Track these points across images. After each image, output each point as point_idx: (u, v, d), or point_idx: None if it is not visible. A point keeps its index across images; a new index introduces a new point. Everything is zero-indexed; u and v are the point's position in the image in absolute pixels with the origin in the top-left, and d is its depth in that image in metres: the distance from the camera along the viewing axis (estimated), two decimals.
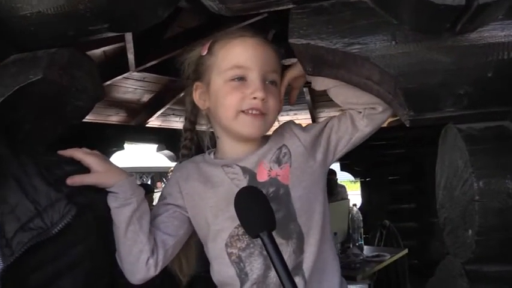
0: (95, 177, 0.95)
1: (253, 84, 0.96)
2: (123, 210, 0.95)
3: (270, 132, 1.10)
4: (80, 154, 0.97)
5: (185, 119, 1.16)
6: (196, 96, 1.07)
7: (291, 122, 1.10)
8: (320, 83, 1.02)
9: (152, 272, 0.99)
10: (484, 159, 0.81)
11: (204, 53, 1.03)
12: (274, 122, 1.04)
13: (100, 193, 0.94)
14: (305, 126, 1.09)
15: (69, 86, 1.15)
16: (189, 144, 1.14)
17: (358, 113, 1.01)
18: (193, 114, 1.14)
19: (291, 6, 0.88)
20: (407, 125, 0.87)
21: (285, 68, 1.08)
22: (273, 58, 1.01)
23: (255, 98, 0.96)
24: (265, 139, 1.07)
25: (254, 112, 0.97)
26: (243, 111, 0.97)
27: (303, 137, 1.04)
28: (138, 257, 0.97)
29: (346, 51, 0.79)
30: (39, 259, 0.80)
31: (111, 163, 1.00)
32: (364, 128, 1.01)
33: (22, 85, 1.01)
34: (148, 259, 0.97)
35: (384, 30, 0.78)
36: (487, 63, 0.76)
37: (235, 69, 0.98)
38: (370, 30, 0.79)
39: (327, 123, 1.06)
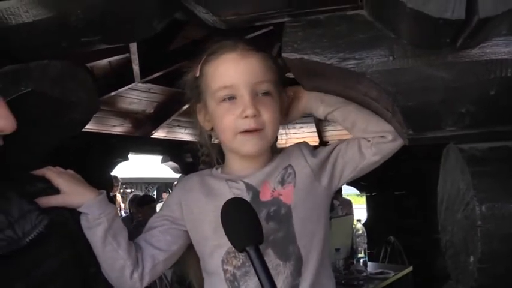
0: (61, 199, 0.93)
1: (242, 102, 0.94)
2: (95, 231, 0.93)
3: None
4: (50, 174, 0.96)
5: (199, 134, 1.14)
6: (201, 118, 1.06)
7: (303, 142, 1.07)
8: (322, 109, 0.98)
9: (138, 285, 0.98)
10: (487, 181, 0.76)
11: (197, 74, 1.02)
12: (275, 135, 1.01)
13: (72, 212, 0.93)
14: (315, 149, 1.06)
15: (62, 98, 1.13)
16: (207, 160, 1.13)
17: (367, 141, 0.97)
18: (204, 133, 1.12)
19: (286, 19, 0.85)
20: (407, 144, 0.83)
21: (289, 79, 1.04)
22: (261, 67, 0.97)
23: (246, 116, 0.93)
24: (272, 157, 1.05)
25: (250, 129, 0.95)
26: (240, 133, 0.96)
27: (310, 159, 1.01)
28: (122, 272, 0.96)
29: (341, 66, 0.75)
30: (9, 275, 0.78)
31: (80, 183, 0.98)
32: (371, 156, 0.97)
33: (13, 97, 0.99)
34: (132, 273, 0.96)
35: (381, 44, 0.75)
36: (490, 80, 0.72)
37: (222, 90, 0.96)
38: (366, 45, 0.75)
39: (335, 146, 1.03)
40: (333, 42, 0.77)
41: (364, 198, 6.59)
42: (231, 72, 0.96)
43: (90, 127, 4.54)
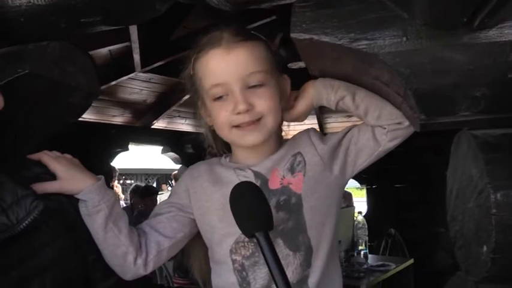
0: (58, 185, 0.91)
1: (233, 98, 0.92)
2: (95, 218, 0.91)
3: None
4: (46, 158, 0.93)
5: (203, 125, 1.11)
6: (203, 113, 1.04)
7: (311, 129, 1.04)
8: (334, 94, 0.93)
9: (142, 271, 0.96)
10: (501, 168, 0.73)
11: (191, 72, 1.00)
12: (276, 123, 0.97)
13: (70, 198, 0.90)
14: (325, 135, 1.03)
15: (61, 81, 1.10)
16: (213, 151, 1.11)
17: (382, 129, 0.93)
18: (207, 125, 1.09)
19: (294, 0, 0.82)
20: (418, 130, 0.81)
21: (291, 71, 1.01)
22: (250, 58, 0.93)
23: (238, 113, 0.91)
24: (281, 144, 1.03)
25: (245, 123, 0.93)
26: (235, 126, 0.94)
27: (320, 146, 0.98)
28: (124, 259, 0.94)
29: (353, 47, 0.72)
30: (4, 263, 0.76)
31: (78, 169, 0.95)
32: (387, 143, 0.93)
33: (9, 79, 0.96)
34: (135, 259, 0.95)
35: (394, 25, 0.71)
36: (507, 62, 0.69)
37: (214, 89, 0.94)
38: (378, 25, 0.72)
39: (346, 132, 0.99)
40: (344, 22, 0.74)
41: (364, 192, 6.58)
42: (220, 69, 0.93)
43: (90, 117, 4.51)
